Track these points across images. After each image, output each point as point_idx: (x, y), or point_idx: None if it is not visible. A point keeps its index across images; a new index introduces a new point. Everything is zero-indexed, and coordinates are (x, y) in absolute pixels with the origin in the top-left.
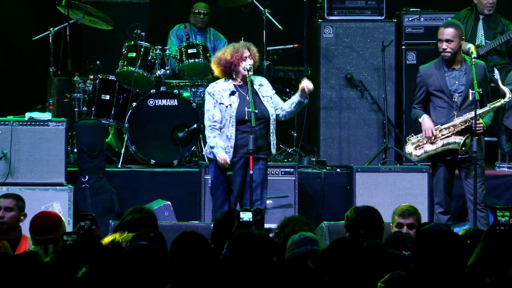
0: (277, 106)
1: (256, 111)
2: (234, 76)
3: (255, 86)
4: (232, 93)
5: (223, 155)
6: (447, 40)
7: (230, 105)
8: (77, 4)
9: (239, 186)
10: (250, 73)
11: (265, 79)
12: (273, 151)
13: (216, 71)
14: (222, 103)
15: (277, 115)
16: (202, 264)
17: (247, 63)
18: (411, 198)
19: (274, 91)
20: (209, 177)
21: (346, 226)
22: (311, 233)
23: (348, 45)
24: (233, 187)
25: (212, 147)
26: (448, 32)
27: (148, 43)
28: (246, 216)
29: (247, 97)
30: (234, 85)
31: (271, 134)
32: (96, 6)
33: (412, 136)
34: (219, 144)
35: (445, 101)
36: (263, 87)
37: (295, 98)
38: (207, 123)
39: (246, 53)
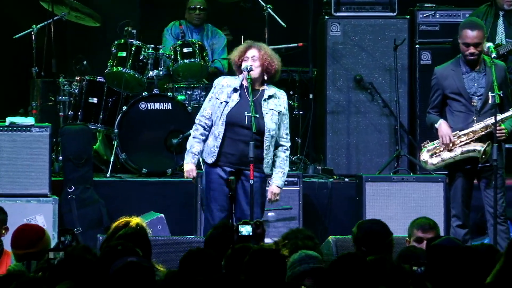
0: (278, 134)
1: (257, 115)
2: (240, 77)
3: (264, 96)
4: (235, 91)
5: (190, 168)
6: (476, 44)
7: (227, 102)
8: None
9: (222, 204)
10: (254, 74)
11: (284, 94)
12: (266, 170)
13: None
14: (218, 99)
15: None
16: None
17: (244, 64)
18: (426, 210)
19: (287, 114)
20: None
21: (352, 242)
22: (312, 251)
23: (357, 43)
24: (216, 203)
25: (188, 147)
26: (476, 35)
27: (139, 42)
28: (246, 229)
29: (250, 102)
30: (242, 84)
31: (266, 151)
32: (83, 1)
33: (428, 143)
34: (194, 149)
35: (463, 105)
36: (275, 99)
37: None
38: (196, 120)
39: (250, 53)
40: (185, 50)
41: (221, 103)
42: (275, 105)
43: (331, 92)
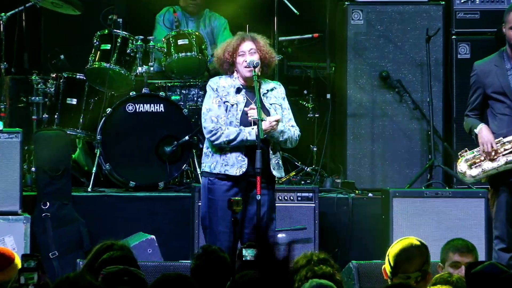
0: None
1: (264, 119)
2: (236, 75)
3: (262, 91)
4: (238, 91)
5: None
6: None
7: (236, 104)
8: None
9: (230, 228)
10: (257, 70)
11: (280, 85)
12: (276, 173)
13: (221, 71)
14: (228, 101)
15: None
16: None
17: (250, 59)
18: (464, 230)
19: (287, 104)
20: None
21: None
22: (327, 281)
23: (382, 34)
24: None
25: (236, 136)
26: None
27: (126, 32)
28: (249, 254)
29: (252, 103)
30: (241, 84)
31: (272, 151)
32: None
33: (466, 152)
34: (237, 128)
35: (508, 106)
36: (274, 91)
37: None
38: (208, 126)
39: (245, 46)
40: (180, 42)
41: (232, 105)
42: (275, 97)
43: (352, 92)
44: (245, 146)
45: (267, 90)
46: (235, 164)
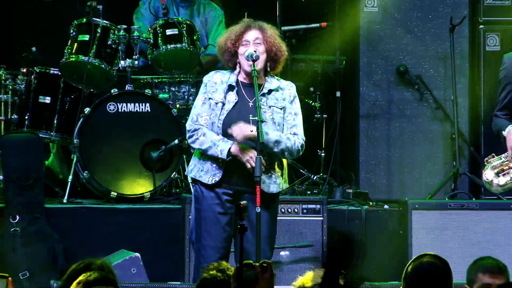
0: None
1: (265, 120)
2: (237, 70)
3: (265, 89)
4: (230, 89)
5: (238, 132)
6: None
7: (222, 103)
8: None
9: (217, 241)
10: (258, 66)
11: (292, 85)
12: (278, 186)
13: (222, 63)
14: (212, 98)
15: None
16: None
17: (248, 51)
18: (494, 247)
19: (297, 108)
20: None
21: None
22: None
23: (400, 23)
24: (210, 238)
25: (207, 149)
26: None
27: (107, 21)
28: (249, 273)
29: (250, 102)
30: (238, 80)
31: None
32: None
33: (493, 157)
34: (214, 137)
35: None
36: (279, 92)
37: None
38: (187, 125)
39: (250, 35)
40: (168, 32)
41: (216, 104)
42: (276, 100)
43: (365, 89)
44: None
45: (269, 90)
46: (209, 171)
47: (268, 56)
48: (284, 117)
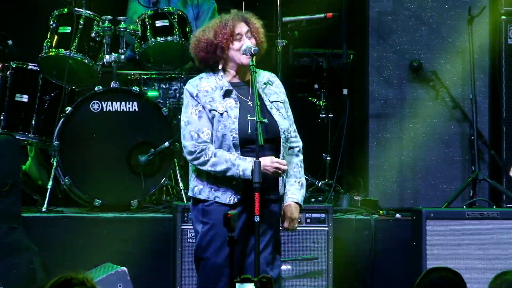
0: None
1: (266, 120)
2: (225, 68)
3: (257, 85)
4: (227, 94)
5: (265, 162)
6: None
7: (227, 112)
8: None
9: (234, 261)
10: (255, 59)
11: (274, 76)
12: (282, 189)
13: (196, 61)
14: (215, 110)
15: None
16: None
17: (246, 44)
18: None
19: (288, 102)
20: (189, 228)
21: None
22: None
23: (413, 13)
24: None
25: (226, 170)
26: None
27: (90, 12)
28: None
29: (249, 102)
30: (229, 81)
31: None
32: None
33: None
34: (228, 156)
35: None
36: (273, 85)
37: (286, 196)
38: (188, 145)
39: (241, 28)
40: (158, 23)
41: (222, 114)
42: (276, 93)
43: (375, 86)
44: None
45: (264, 84)
46: (227, 191)
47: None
48: (287, 111)
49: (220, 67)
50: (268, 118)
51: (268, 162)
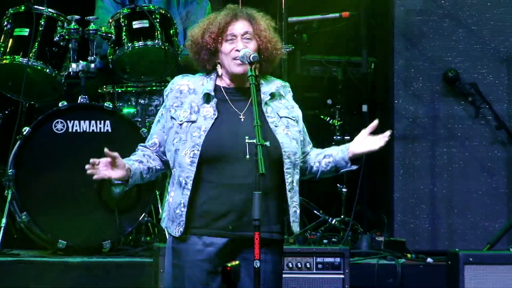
0: (303, 148)
1: (268, 143)
2: (219, 72)
3: (262, 96)
4: (206, 99)
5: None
6: None
7: (194, 122)
8: None
9: None
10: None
11: (288, 86)
12: (294, 227)
13: (195, 63)
14: (174, 118)
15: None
16: None
17: (244, 50)
18: None
19: (300, 119)
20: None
21: None
22: None
23: (448, 13)
24: None
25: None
26: None
27: (53, 10)
28: None
29: (241, 116)
30: (218, 86)
31: (290, 193)
32: None
33: None
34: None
35: None
36: (282, 99)
37: (336, 153)
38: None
39: (237, 28)
40: (135, 24)
41: (180, 125)
42: (286, 108)
43: (402, 102)
44: (207, 184)
45: (270, 95)
46: (175, 219)
47: (261, 55)
48: (300, 131)
49: (219, 72)
50: (271, 137)
51: None
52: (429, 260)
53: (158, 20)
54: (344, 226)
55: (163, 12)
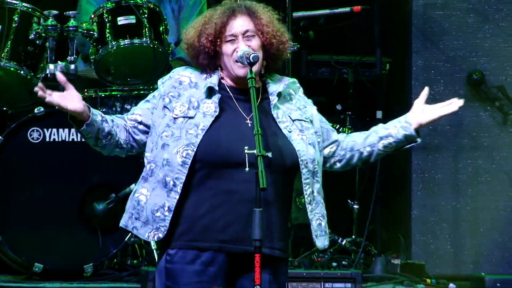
0: (328, 139)
1: (270, 154)
2: (221, 74)
3: (270, 97)
4: (209, 93)
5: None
6: None
7: (192, 118)
8: None
9: None
10: (255, 68)
11: (297, 82)
12: (319, 242)
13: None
14: (167, 107)
15: (325, 161)
16: None
17: (242, 49)
18: None
19: (319, 114)
20: None
21: None
22: None
23: (473, 7)
24: None
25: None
26: None
27: (28, 4)
28: None
29: (247, 120)
30: (223, 84)
31: (310, 207)
32: None
33: None
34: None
35: None
36: (292, 99)
37: (395, 132)
38: None
39: (237, 26)
40: (121, 20)
41: (175, 118)
42: (298, 109)
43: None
44: (205, 190)
45: (278, 96)
46: (151, 222)
47: (266, 53)
48: (316, 132)
49: (221, 75)
50: (281, 143)
51: None
52: (452, 285)
53: (146, 15)
54: (356, 247)
55: (151, 6)
